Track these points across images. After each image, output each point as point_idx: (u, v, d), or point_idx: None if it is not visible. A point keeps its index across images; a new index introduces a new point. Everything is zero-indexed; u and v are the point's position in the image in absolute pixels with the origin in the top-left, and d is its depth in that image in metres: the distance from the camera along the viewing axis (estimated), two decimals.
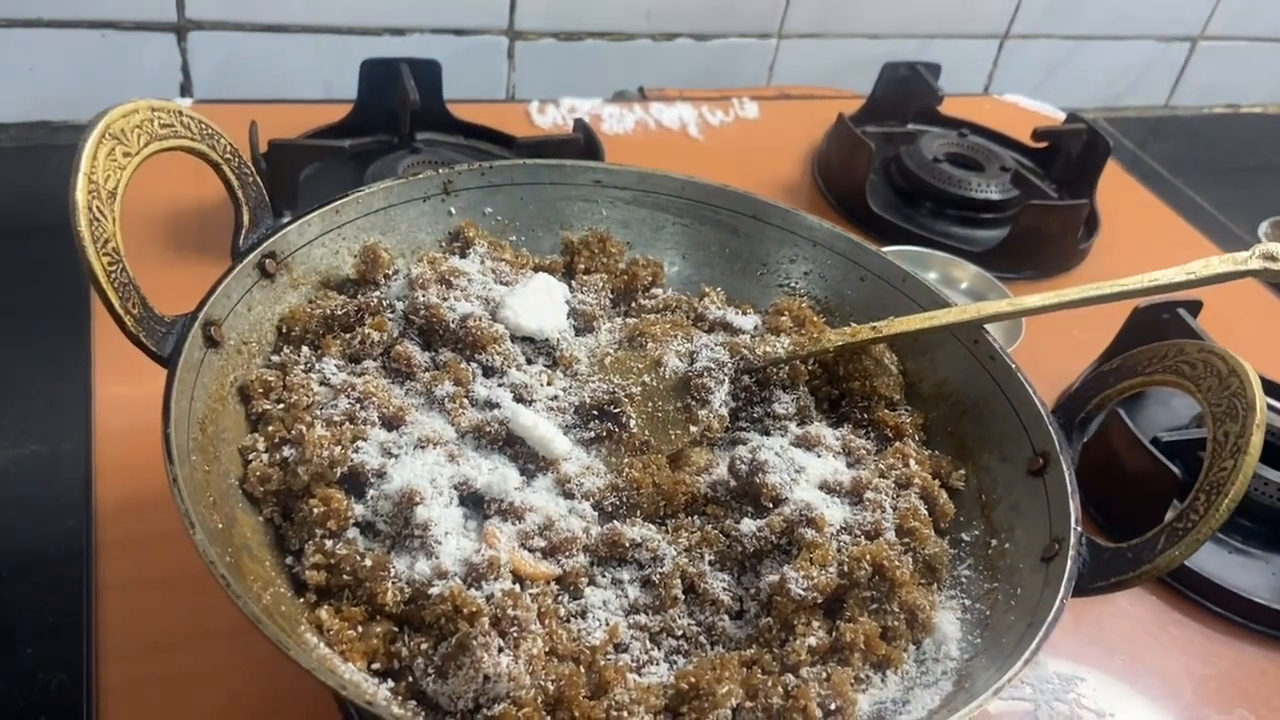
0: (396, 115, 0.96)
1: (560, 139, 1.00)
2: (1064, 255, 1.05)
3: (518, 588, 0.48)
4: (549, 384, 0.61)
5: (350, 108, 0.97)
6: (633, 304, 0.69)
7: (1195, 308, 0.87)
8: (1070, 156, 1.15)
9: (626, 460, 0.57)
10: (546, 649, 0.47)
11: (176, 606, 0.59)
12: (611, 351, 0.62)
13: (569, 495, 0.55)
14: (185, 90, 1.09)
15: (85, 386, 0.71)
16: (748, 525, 0.55)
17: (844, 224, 1.03)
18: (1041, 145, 1.18)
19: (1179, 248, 1.15)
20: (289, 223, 0.58)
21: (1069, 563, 0.49)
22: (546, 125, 1.12)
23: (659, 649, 0.50)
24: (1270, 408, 0.87)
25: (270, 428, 0.53)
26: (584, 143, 0.97)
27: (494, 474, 0.53)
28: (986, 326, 0.62)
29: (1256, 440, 0.47)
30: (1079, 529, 0.51)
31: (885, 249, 0.93)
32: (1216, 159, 1.52)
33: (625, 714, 0.45)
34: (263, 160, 0.85)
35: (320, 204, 0.60)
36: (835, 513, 0.56)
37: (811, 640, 0.49)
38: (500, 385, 0.59)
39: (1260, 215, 1.19)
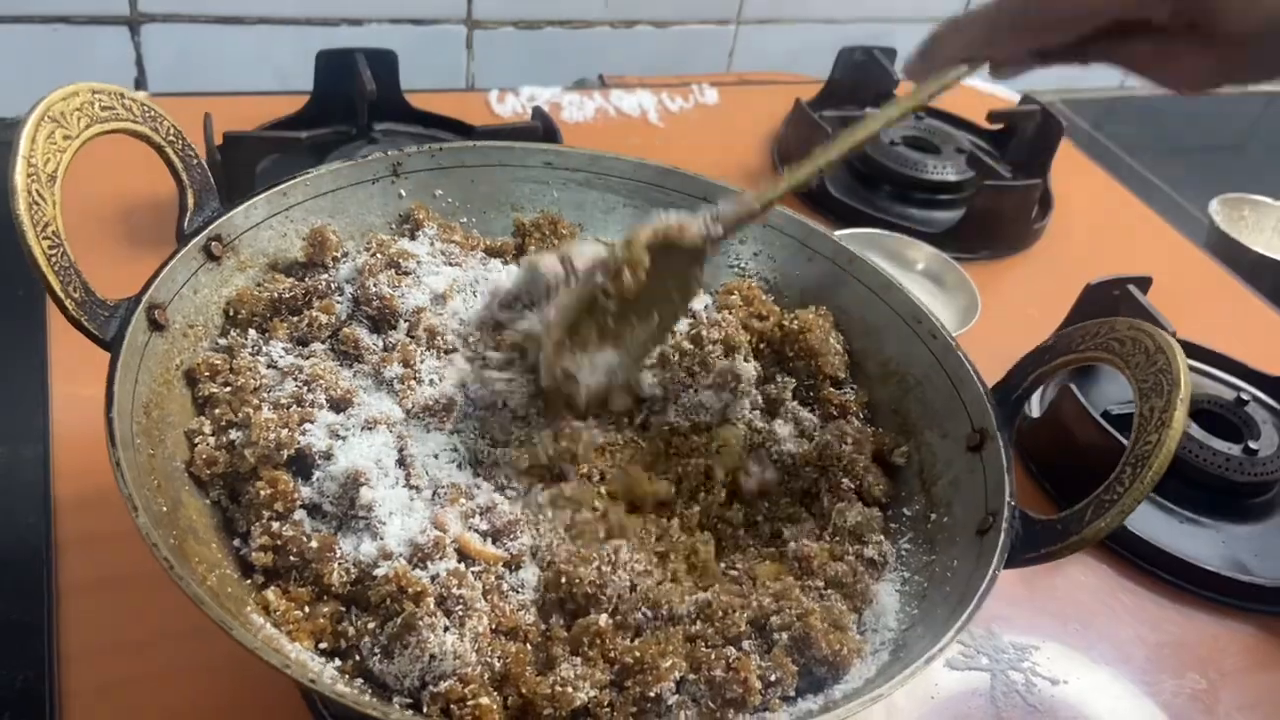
0: (354, 106, 0.96)
1: (519, 127, 1.00)
2: (1019, 235, 1.06)
3: (462, 566, 0.49)
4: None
5: (307, 99, 0.97)
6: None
7: (1145, 284, 0.89)
8: (1025, 138, 1.16)
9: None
10: (493, 626, 0.48)
11: (138, 605, 0.59)
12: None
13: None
14: (139, 84, 1.08)
15: (42, 386, 0.71)
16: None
17: (803, 208, 1.04)
18: (996, 127, 1.19)
19: (1132, 226, 1.17)
20: (235, 205, 0.58)
21: (1002, 535, 0.51)
22: (506, 114, 1.12)
23: None
24: (1216, 379, 0.89)
25: (217, 410, 0.53)
26: (543, 131, 0.98)
27: (435, 457, 0.54)
28: (931, 313, 0.64)
29: (1180, 415, 0.49)
30: (1012, 503, 0.52)
31: (843, 231, 0.95)
32: (1169, 139, 1.54)
33: (571, 689, 0.45)
34: (218, 153, 0.85)
35: (267, 186, 0.60)
36: None
37: (750, 613, 0.50)
38: (450, 367, 0.59)
39: (1211, 193, 1.21)
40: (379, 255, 0.61)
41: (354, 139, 0.96)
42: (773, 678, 0.47)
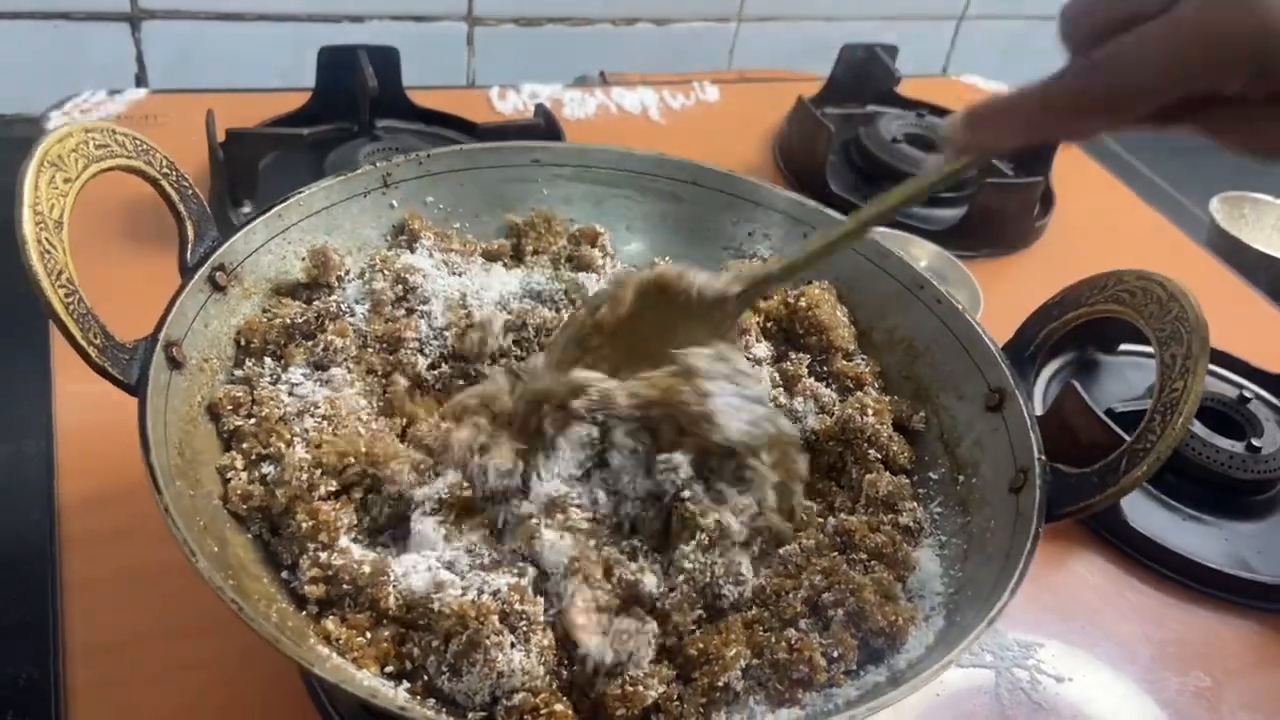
0: (356, 102, 0.96)
1: (521, 124, 1.00)
2: (1021, 233, 1.06)
3: (523, 581, 0.48)
4: None
5: (309, 95, 0.97)
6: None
7: None
8: None
9: None
10: (559, 637, 0.47)
11: (142, 603, 0.59)
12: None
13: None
14: (140, 80, 1.08)
15: (45, 382, 0.71)
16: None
17: None
18: None
19: (1133, 224, 1.17)
20: (234, 232, 0.57)
21: (1037, 491, 0.51)
22: (508, 111, 1.12)
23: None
24: (1218, 376, 0.89)
25: (245, 445, 0.52)
26: (545, 128, 0.98)
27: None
28: (932, 278, 0.64)
29: (1204, 360, 0.49)
30: (1042, 458, 0.53)
31: None
32: (1169, 137, 1.54)
33: (642, 688, 0.45)
34: (220, 150, 0.84)
35: (262, 210, 0.60)
36: None
37: (803, 593, 0.51)
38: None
39: (1212, 191, 1.21)
40: (386, 271, 0.61)
41: (356, 136, 0.96)
42: (835, 654, 0.48)
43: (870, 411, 0.60)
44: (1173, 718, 0.65)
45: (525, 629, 0.45)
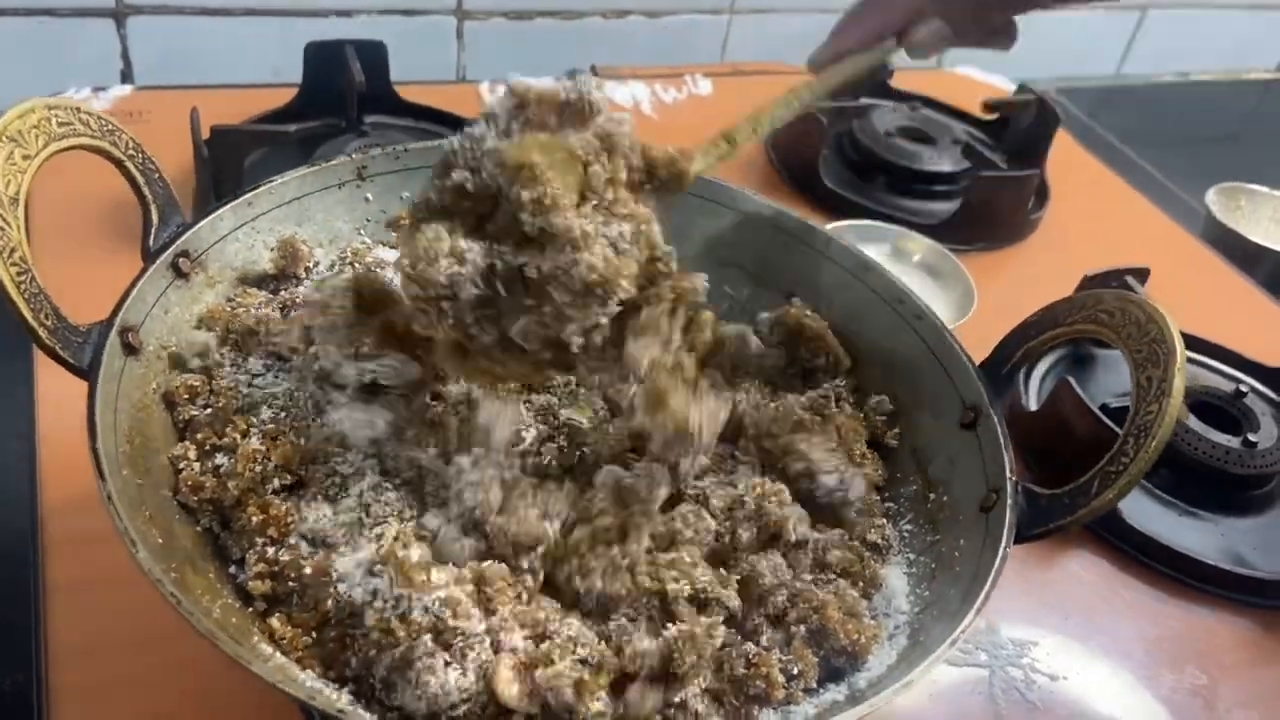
0: (343, 98, 0.95)
1: None
2: (1015, 226, 1.06)
3: (459, 593, 0.46)
4: None
5: (296, 92, 0.96)
6: None
7: (1143, 275, 0.88)
8: (1020, 127, 1.15)
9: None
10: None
11: (126, 605, 0.58)
12: None
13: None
14: (126, 77, 1.07)
15: (27, 383, 0.70)
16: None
17: (798, 200, 1.04)
18: (992, 117, 1.18)
19: (1128, 216, 1.16)
20: (200, 218, 0.56)
21: (1008, 512, 0.51)
22: None
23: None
24: (1214, 370, 0.89)
25: (200, 435, 0.51)
26: None
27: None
28: (913, 293, 0.64)
29: (1179, 383, 0.49)
30: (1014, 478, 0.52)
31: (838, 223, 0.94)
32: (1166, 127, 1.53)
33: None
34: (205, 147, 0.83)
35: (231, 196, 0.59)
36: None
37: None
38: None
39: (1208, 182, 1.20)
40: (356, 264, 0.60)
41: (343, 132, 0.95)
42: (794, 671, 0.47)
43: (845, 427, 0.59)
44: (1168, 715, 0.65)
45: (461, 646, 0.43)
